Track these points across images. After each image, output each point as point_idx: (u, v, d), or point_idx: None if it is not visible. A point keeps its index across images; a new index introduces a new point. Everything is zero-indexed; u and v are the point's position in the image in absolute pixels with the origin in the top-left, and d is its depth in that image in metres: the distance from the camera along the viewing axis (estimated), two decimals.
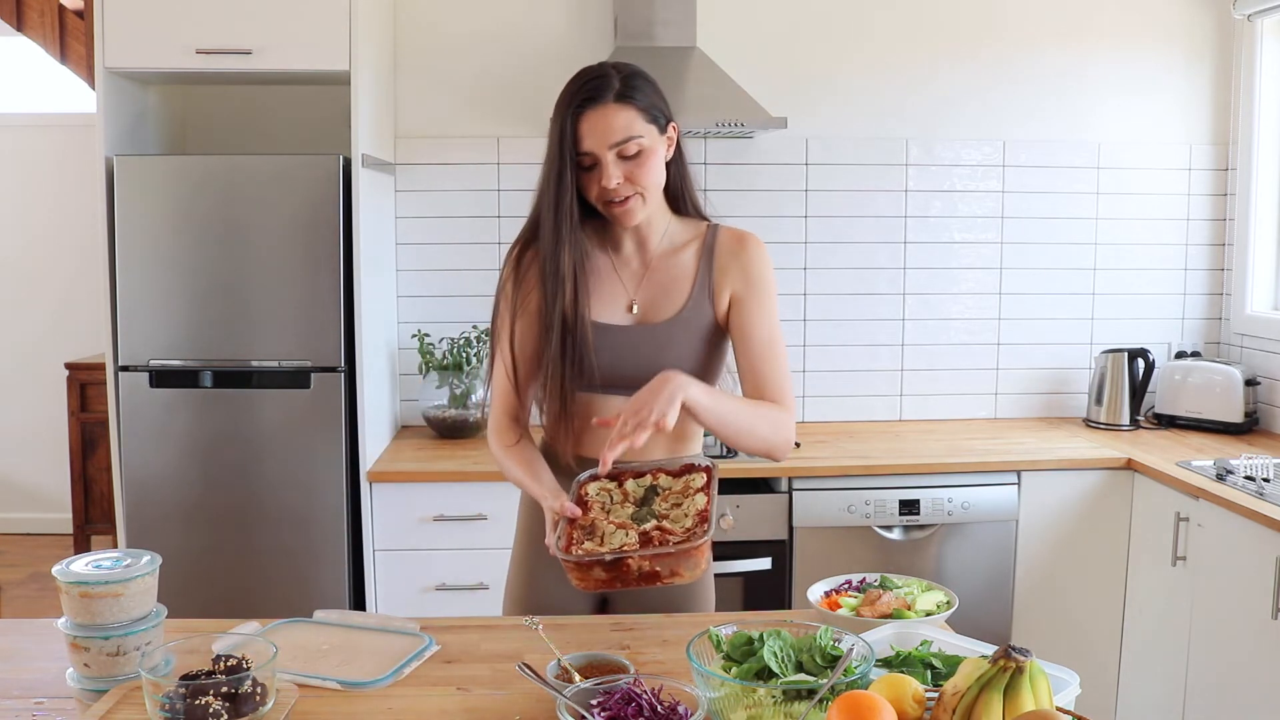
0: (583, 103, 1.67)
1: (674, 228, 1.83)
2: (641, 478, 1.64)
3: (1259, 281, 3.50)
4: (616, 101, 1.66)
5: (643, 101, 1.69)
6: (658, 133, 1.71)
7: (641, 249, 1.81)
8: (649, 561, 1.44)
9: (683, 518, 1.53)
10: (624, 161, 1.68)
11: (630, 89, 1.68)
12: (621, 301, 1.78)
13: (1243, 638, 2.53)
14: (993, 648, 1.30)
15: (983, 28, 3.48)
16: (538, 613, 1.74)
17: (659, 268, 1.80)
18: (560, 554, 1.47)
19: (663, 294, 1.79)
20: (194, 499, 2.88)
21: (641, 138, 1.68)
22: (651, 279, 1.80)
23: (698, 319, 1.78)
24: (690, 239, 1.82)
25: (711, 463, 1.65)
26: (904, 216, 3.51)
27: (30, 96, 5.30)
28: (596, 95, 1.66)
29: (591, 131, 1.66)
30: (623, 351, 1.75)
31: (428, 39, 3.37)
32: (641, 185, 1.70)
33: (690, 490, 1.60)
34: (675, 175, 1.80)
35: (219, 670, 1.29)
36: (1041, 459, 3.03)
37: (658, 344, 1.75)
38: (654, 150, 1.70)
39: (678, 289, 1.79)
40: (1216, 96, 3.56)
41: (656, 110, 1.71)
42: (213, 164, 2.87)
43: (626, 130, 1.67)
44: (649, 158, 1.70)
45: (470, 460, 3.00)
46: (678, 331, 1.76)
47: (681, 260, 1.80)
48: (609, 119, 1.66)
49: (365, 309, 2.90)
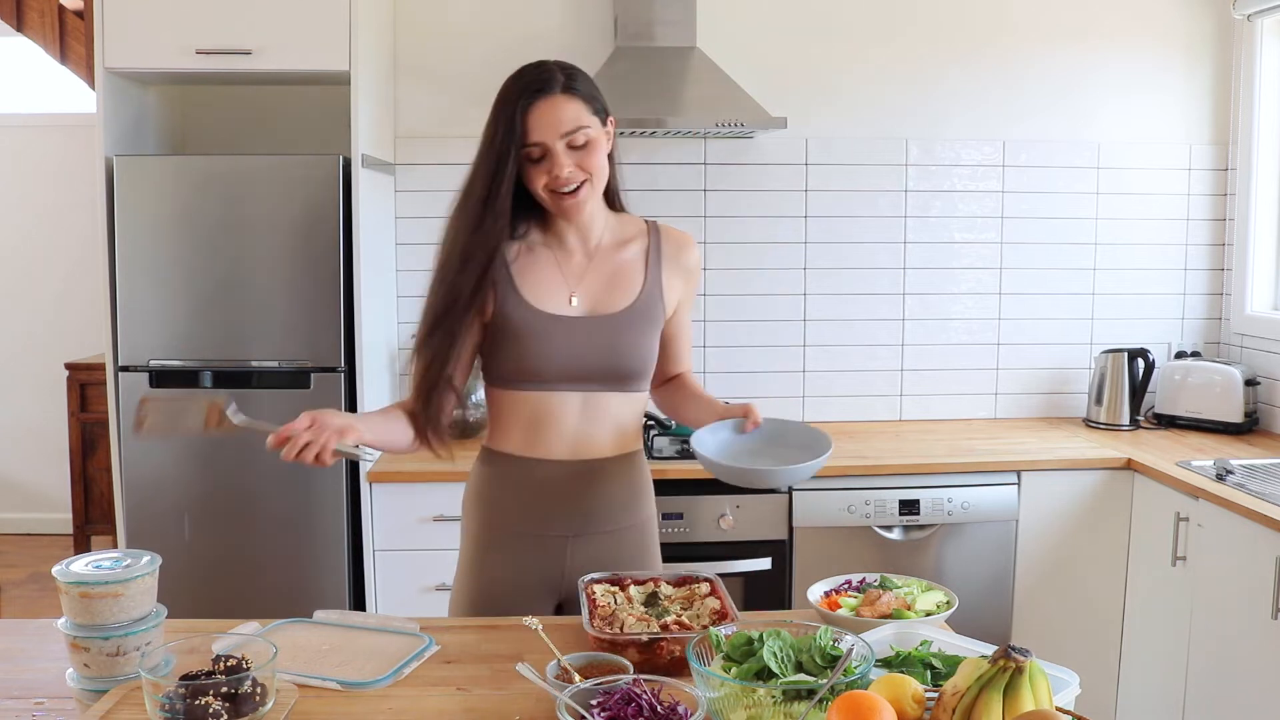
0: (533, 94, 1.69)
1: (613, 223, 1.87)
2: (643, 584, 1.69)
3: (1259, 281, 3.50)
4: (564, 93, 1.70)
5: (586, 93, 1.72)
6: (600, 124, 1.74)
7: (584, 243, 1.83)
8: (679, 646, 1.46)
9: (696, 618, 1.57)
10: (573, 152, 1.71)
11: (574, 80, 1.72)
12: (562, 294, 1.79)
13: (1243, 638, 2.52)
14: (993, 648, 1.30)
15: (983, 28, 3.48)
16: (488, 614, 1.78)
17: (602, 261, 1.83)
18: (595, 632, 1.49)
19: (611, 286, 1.82)
20: (194, 499, 2.88)
21: (589, 128, 1.71)
22: (596, 272, 1.82)
23: (650, 311, 1.83)
24: (633, 235, 1.87)
25: (714, 575, 1.71)
26: (904, 216, 3.51)
27: (30, 96, 5.30)
28: (544, 87, 1.69)
29: (541, 122, 1.68)
30: (573, 341, 1.77)
31: (428, 39, 3.37)
32: (591, 171, 1.72)
33: (696, 596, 1.65)
34: (611, 171, 1.82)
35: (219, 670, 1.29)
36: (1041, 459, 3.03)
37: (612, 334, 1.79)
38: (599, 141, 1.74)
39: (627, 282, 1.83)
40: (1216, 96, 3.56)
41: (598, 103, 1.75)
42: (213, 164, 2.87)
43: (576, 120, 1.69)
44: (595, 148, 1.73)
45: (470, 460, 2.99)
46: (632, 322, 1.81)
47: (627, 255, 1.85)
48: (558, 109, 1.69)
49: (365, 309, 2.90)
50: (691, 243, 1.92)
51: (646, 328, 1.82)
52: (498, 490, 1.88)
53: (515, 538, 1.86)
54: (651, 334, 1.84)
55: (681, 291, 1.89)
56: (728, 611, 1.57)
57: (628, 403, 1.84)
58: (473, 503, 1.93)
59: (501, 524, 1.87)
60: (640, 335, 1.81)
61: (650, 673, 1.38)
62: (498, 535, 1.87)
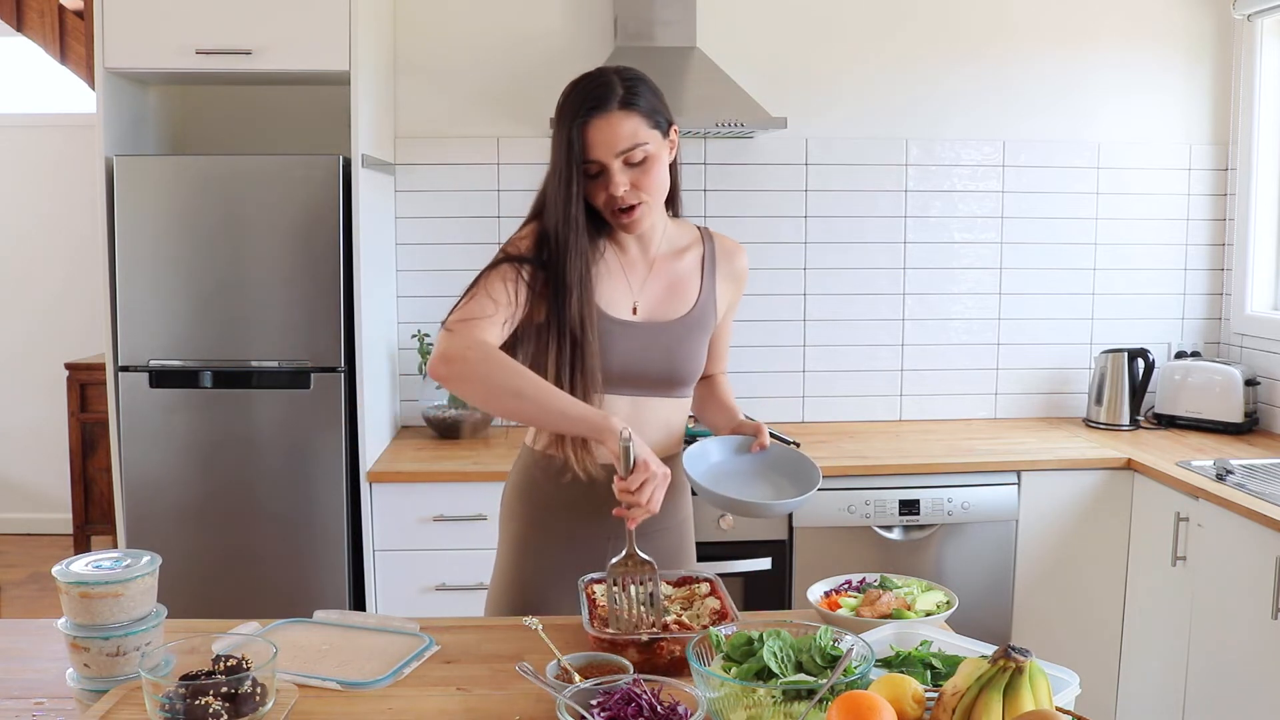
0: (589, 111, 1.66)
1: (671, 230, 1.86)
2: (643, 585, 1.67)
3: (1259, 281, 3.50)
4: (621, 109, 1.66)
5: (646, 107, 1.69)
6: (661, 137, 1.72)
7: (644, 252, 1.82)
8: (679, 646, 1.46)
9: (696, 617, 1.57)
10: (630, 169, 1.69)
11: (633, 95, 1.68)
12: (626, 300, 1.79)
13: (1243, 638, 2.52)
14: (993, 648, 1.30)
15: (983, 28, 3.48)
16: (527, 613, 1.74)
17: (661, 269, 1.83)
18: (595, 632, 1.48)
19: (669, 294, 1.82)
20: (194, 499, 2.88)
21: (647, 144, 1.68)
22: (655, 279, 1.82)
23: (704, 319, 1.84)
24: (689, 243, 1.87)
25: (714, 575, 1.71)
26: (904, 216, 3.51)
27: (30, 96, 5.30)
28: (601, 103, 1.66)
29: (598, 140, 1.66)
30: (633, 348, 1.76)
31: (428, 39, 3.37)
32: (647, 192, 1.70)
33: (696, 596, 1.65)
34: (673, 178, 1.81)
35: (219, 670, 1.29)
36: (1041, 459, 3.03)
37: (669, 341, 1.79)
38: (658, 156, 1.71)
39: (684, 290, 1.83)
40: (1216, 96, 3.56)
41: (659, 115, 1.71)
42: (212, 164, 2.87)
43: (633, 138, 1.67)
44: (654, 164, 1.70)
45: (470, 460, 3.00)
46: (687, 330, 1.81)
47: (684, 263, 1.85)
48: (615, 127, 1.66)
49: (365, 309, 2.90)
50: (742, 251, 1.93)
51: (700, 336, 1.84)
52: (540, 490, 1.86)
53: (556, 537, 1.84)
54: (703, 341, 1.85)
55: (730, 298, 1.91)
56: (728, 611, 1.56)
57: (675, 408, 1.85)
58: (514, 501, 1.90)
59: (543, 523, 1.85)
60: (694, 343, 1.83)
61: (650, 673, 1.38)
62: (539, 534, 1.85)
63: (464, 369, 1.63)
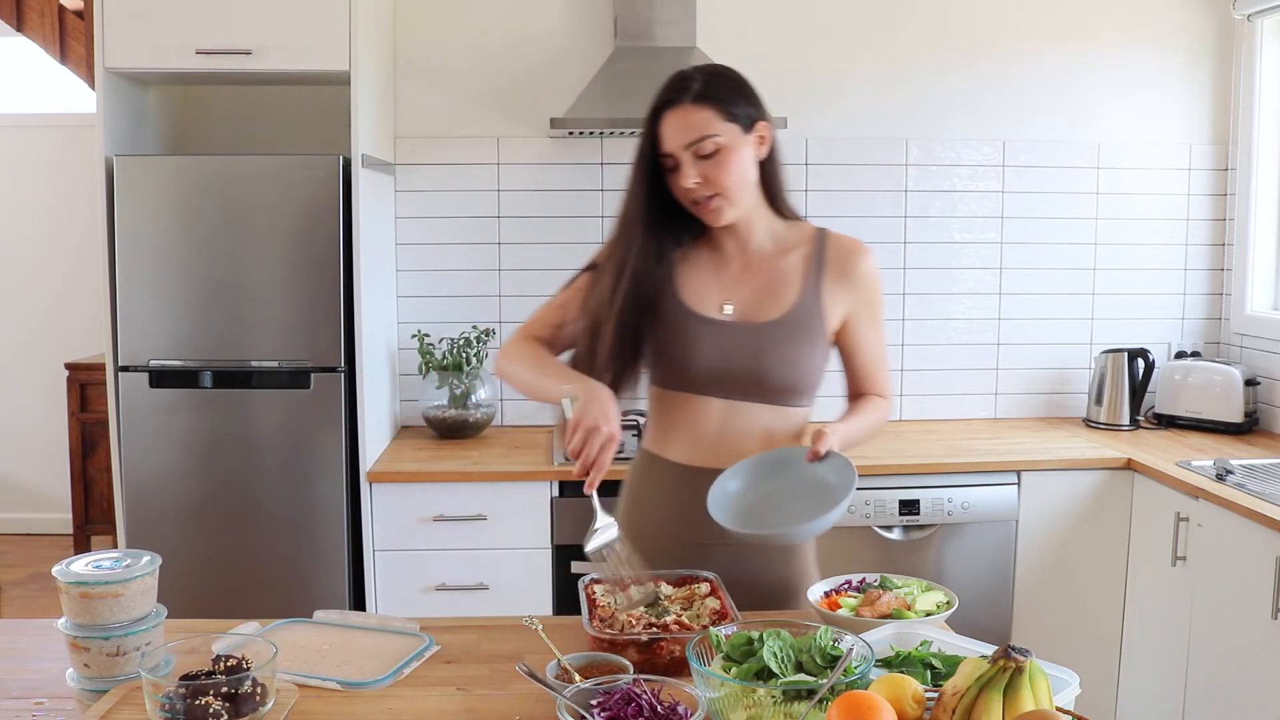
0: (663, 105, 1.69)
1: (778, 228, 1.81)
2: (644, 585, 1.67)
3: (1259, 281, 3.50)
4: (694, 102, 1.67)
5: (723, 100, 1.68)
6: (740, 131, 1.70)
7: (741, 250, 1.79)
8: (679, 646, 1.46)
9: (696, 618, 1.56)
10: (701, 161, 1.68)
11: (711, 88, 1.68)
12: (714, 297, 1.77)
13: (1243, 638, 2.52)
14: (993, 648, 1.30)
15: (983, 28, 3.48)
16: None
17: (760, 268, 1.78)
18: (595, 632, 1.48)
19: (765, 294, 1.77)
20: (194, 499, 2.88)
21: (718, 136, 1.67)
22: (752, 279, 1.78)
23: (804, 323, 1.76)
24: (798, 243, 1.81)
25: (714, 575, 1.69)
26: (904, 216, 3.51)
27: (30, 96, 5.30)
28: (676, 97, 1.69)
29: (669, 132, 1.68)
30: (718, 347, 1.74)
31: (428, 39, 3.37)
32: (720, 186, 1.69)
33: (696, 596, 1.64)
34: (769, 175, 1.78)
35: (219, 670, 1.29)
36: (1041, 459, 3.03)
37: (759, 344, 1.74)
38: (734, 149, 1.69)
39: (783, 291, 1.77)
40: (1216, 96, 3.56)
41: (739, 109, 1.70)
42: (212, 164, 2.87)
43: (702, 129, 1.67)
44: (728, 157, 1.68)
45: (470, 460, 3.00)
46: (781, 333, 1.75)
47: (788, 263, 1.79)
48: (685, 119, 1.67)
49: (365, 309, 2.90)
50: (861, 251, 1.80)
51: (799, 340, 1.75)
52: (640, 486, 1.87)
53: (657, 536, 1.81)
54: (805, 348, 1.75)
55: (851, 304, 1.78)
56: (728, 611, 1.56)
57: (779, 416, 1.78)
58: (624, 495, 1.90)
59: (641, 519, 1.84)
60: (792, 349, 1.74)
61: (650, 673, 1.38)
62: (639, 531, 1.80)
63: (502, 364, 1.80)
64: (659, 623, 1.53)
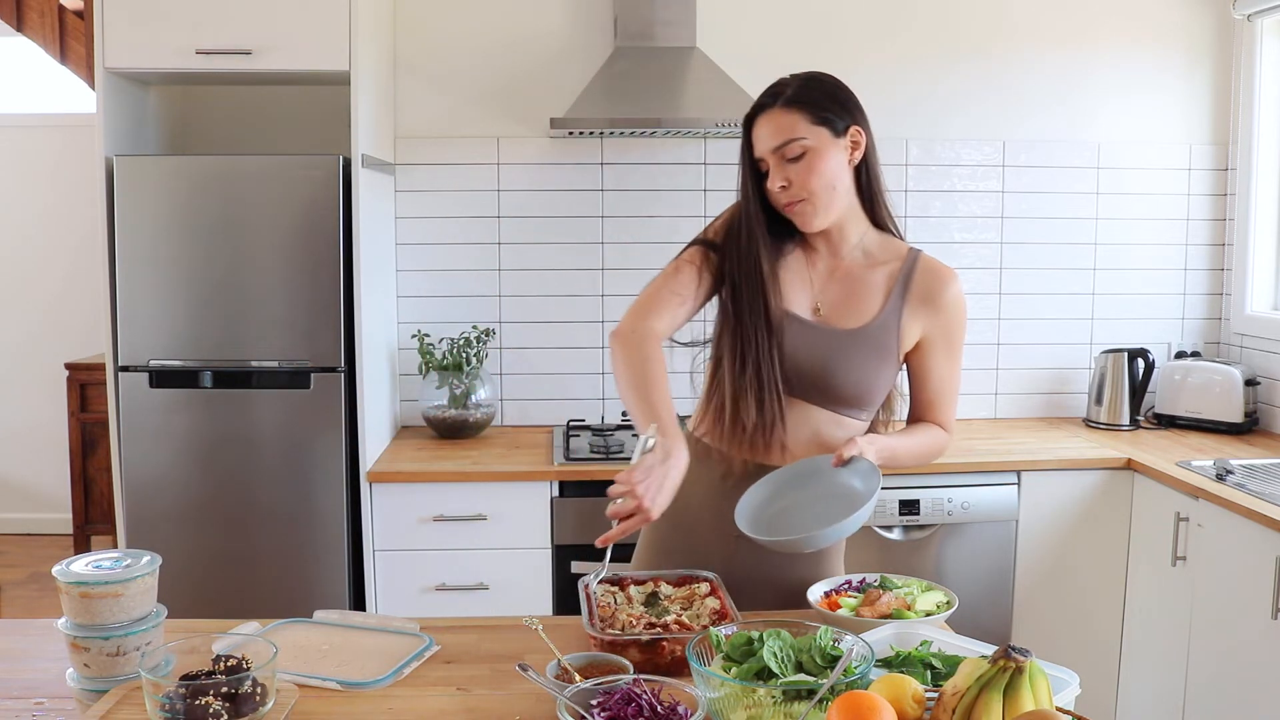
0: (757, 110, 1.73)
1: (871, 239, 1.80)
2: (643, 584, 1.68)
3: (1259, 281, 3.50)
4: (784, 106, 1.70)
5: (813, 104, 1.69)
6: (830, 135, 1.70)
7: (830, 255, 1.79)
8: (679, 646, 1.46)
9: (696, 618, 1.56)
10: (787, 164, 1.69)
11: (802, 93, 1.70)
12: (807, 299, 1.77)
13: (1243, 638, 2.52)
14: (993, 648, 1.30)
15: (983, 28, 3.48)
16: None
17: (847, 275, 1.78)
18: (595, 632, 1.48)
19: (848, 302, 1.77)
20: (194, 499, 2.88)
21: (804, 139, 1.68)
22: (838, 284, 1.78)
23: (881, 337, 1.75)
24: (889, 258, 1.80)
25: (714, 575, 1.69)
26: (904, 216, 3.51)
27: (30, 96, 5.30)
28: (769, 102, 1.72)
29: (758, 135, 1.72)
30: (804, 347, 1.74)
31: (428, 39, 3.37)
32: (806, 190, 1.69)
33: (696, 596, 1.64)
34: (864, 182, 1.78)
35: (219, 670, 1.29)
36: (1041, 459, 3.03)
37: (836, 349, 1.74)
38: (821, 152, 1.69)
39: (866, 301, 1.76)
40: (1216, 96, 3.56)
41: (830, 113, 1.70)
42: (213, 164, 2.87)
43: (789, 132, 1.68)
44: (815, 160, 1.68)
45: (470, 460, 3.00)
46: (858, 342, 1.74)
47: (874, 275, 1.78)
48: (773, 122, 1.70)
49: (365, 309, 2.90)
50: (950, 277, 1.79)
51: (871, 355, 1.74)
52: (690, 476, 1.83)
53: (694, 522, 1.81)
54: (876, 363, 1.75)
55: (929, 328, 1.77)
56: (728, 611, 1.56)
57: (835, 423, 1.77)
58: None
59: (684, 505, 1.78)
60: (862, 360, 1.74)
61: (650, 673, 1.38)
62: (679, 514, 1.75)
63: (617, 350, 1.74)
64: (659, 622, 1.53)
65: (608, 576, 1.69)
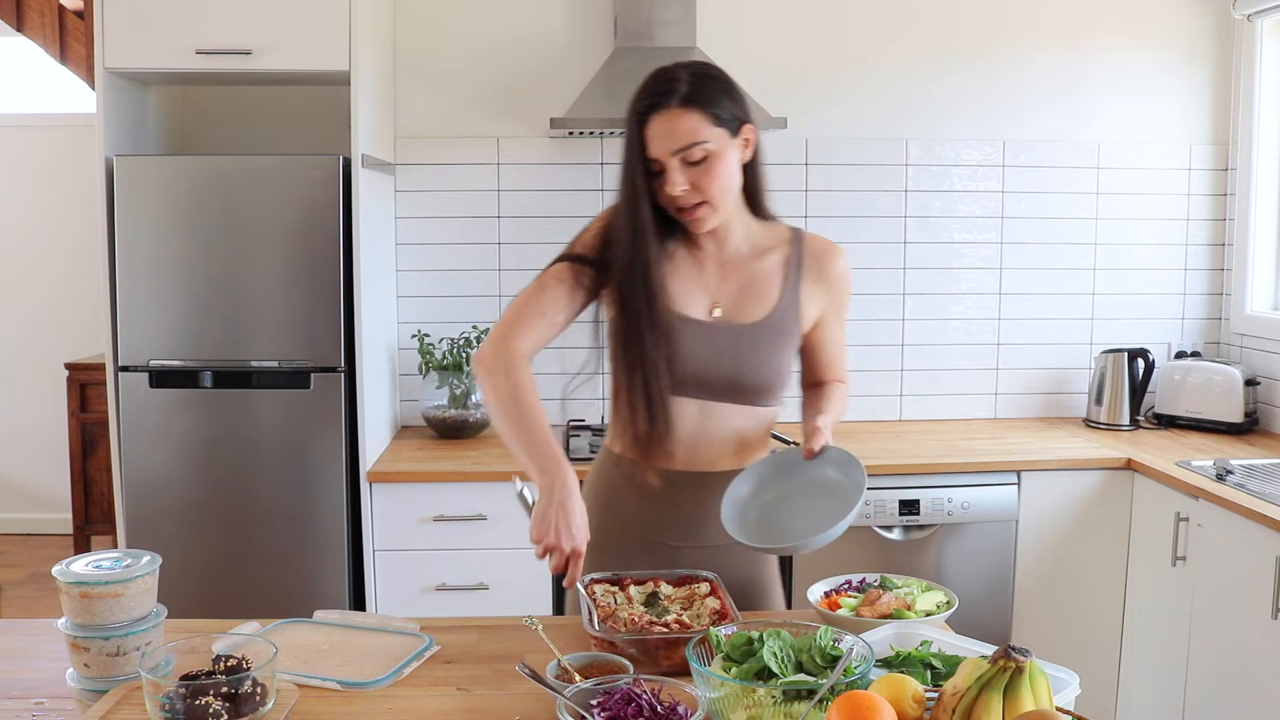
0: (648, 107, 1.63)
1: (754, 230, 1.79)
2: (643, 584, 1.67)
3: (1259, 281, 3.50)
4: (682, 105, 1.62)
5: (711, 104, 1.63)
6: (728, 136, 1.66)
7: (719, 250, 1.77)
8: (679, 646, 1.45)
9: (696, 617, 1.56)
10: (689, 168, 1.64)
11: (698, 91, 1.63)
12: (703, 300, 1.75)
13: (1243, 638, 2.53)
14: (993, 648, 1.30)
15: (983, 28, 3.48)
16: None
17: (739, 269, 1.76)
18: (594, 632, 1.48)
19: (745, 296, 1.75)
20: (194, 499, 2.88)
21: (707, 143, 1.63)
22: (732, 280, 1.76)
23: (784, 324, 1.75)
24: (774, 245, 1.78)
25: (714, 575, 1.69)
26: (904, 216, 3.51)
27: (30, 96, 5.30)
28: (662, 100, 1.63)
29: (656, 137, 1.63)
30: (701, 350, 1.71)
31: (428, 39, 3.37)
32: (708, 194, 1.65)
33: (696, 596, 1.63)
34: (751, 178, 1.75)
35: (219, 670, 1.29)
36: (1041, 459, 3.03)
37: (745, 346, 1.72)
38: (722, 155, 1.65)
39: (763, 292, 1.75)
40: (1216, 96, 3.56)
41: (727, 113, 1.65)
42: (213, 164, 2.87)
43: (691, 136, 1.62)
44: (716, 163, 1.64)
45: (470, 460, 3.00)
46: (764, 334, 1.73)
47: (766, 265, 1.77)
48: (673, 124, 1.62)
49: (365, 309, 2.90)
50: (836, 253, 1.80)
51: (778, 343, 1.74)
52: (610, 490, 1.84)
53: (625, 540, 1.80)
54: (783, 349, 1.75)
55: (824, 304, 1.79)
56: (728, 611, 1.56)
57: (750, 417, 1.77)
58: (588, 498, 1.85)
59: (612, 525, 1.80)
60: (771, 351, 1.74)
61: (650, 673, 1.38)
62: (608, 536, 1.77)
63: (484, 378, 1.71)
64: (659, 622, 1.53)
65: (608, 576, 1.69)
